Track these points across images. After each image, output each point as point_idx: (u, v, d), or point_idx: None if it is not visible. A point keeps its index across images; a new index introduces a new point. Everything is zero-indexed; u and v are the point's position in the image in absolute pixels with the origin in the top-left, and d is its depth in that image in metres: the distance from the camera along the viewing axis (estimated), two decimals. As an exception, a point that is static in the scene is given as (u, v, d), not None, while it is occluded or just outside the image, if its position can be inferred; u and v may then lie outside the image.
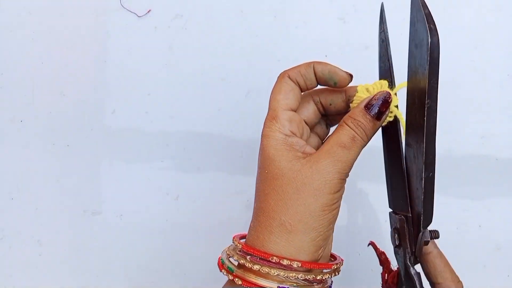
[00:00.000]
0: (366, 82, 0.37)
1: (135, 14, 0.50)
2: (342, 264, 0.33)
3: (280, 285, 0.30)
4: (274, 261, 0.30)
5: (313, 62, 0.33)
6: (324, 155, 0.30)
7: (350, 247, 0.49)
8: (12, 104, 0.50)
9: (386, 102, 0.32)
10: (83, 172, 0.50)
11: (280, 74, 0.34)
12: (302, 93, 0.34)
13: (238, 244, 0.31)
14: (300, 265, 0.30)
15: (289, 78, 0.33)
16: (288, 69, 0.33)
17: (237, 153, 0.49)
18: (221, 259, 0.32)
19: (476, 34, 0.48)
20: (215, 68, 0.49)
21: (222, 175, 0.49)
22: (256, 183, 0.32)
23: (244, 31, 0.50)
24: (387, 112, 0.32)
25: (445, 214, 0.48)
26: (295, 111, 0.33)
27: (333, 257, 0.34)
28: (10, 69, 0.50)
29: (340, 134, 0.31)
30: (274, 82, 0.34)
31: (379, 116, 0.31)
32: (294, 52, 0.49)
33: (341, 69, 0.33)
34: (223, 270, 0.32)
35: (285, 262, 0.29)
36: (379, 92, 0.32)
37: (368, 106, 0.31)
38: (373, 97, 0.32)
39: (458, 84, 0.48)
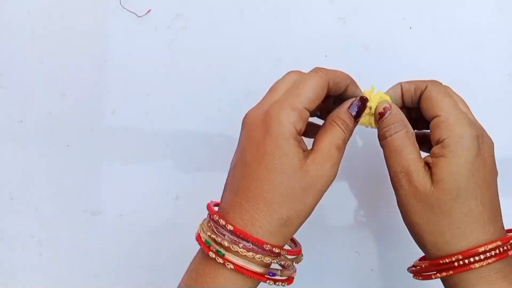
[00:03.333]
0: (365, 82, 0.37)
1: (135, 14, 0.50)
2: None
3: (270, 272, 0.33)
4: (267, 248, 0.32)
5: (350, 80, 0.35)
6: (326, 157, 0.32)
7: (349, 247, 0.49)
8: (12, 104, 0.50)
9: (363, 106, 0.35)
10: (83, 172, 0.50)
11: (321, 73, 0.34)
12: None
13: (229, 226, 0.32)
14: (285, 253, 0.33)
15: (328, 85, 0.34)
16: (329, 73, 0.34)
17: (237, 153, 0.49)
18: (206, 240, 0.33)
19: (476, 34, 0.48)
20: (215, 68, 0.49)
21: (222, 175, 0.49)
22: (256, 168, 0.32)
23: (244, 31, 0.49)
24: (362, 114, 0.35)
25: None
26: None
27: (293, 241, 0.37)
28: (10, 69, 0.50)
29: (334, 135, 0.33)
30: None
31: (356, 117, 0.35)
32: (294, 52, 0.49)
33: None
34: (210, 252, 0.32)
35: (276, 250, 0.32)
36: (360, 96, 0.35)
37: (349, 107, 0.35)
38: (355, 100, 0.35)
39: (458, 84, 0.48)
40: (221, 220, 0.32)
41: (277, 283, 0.33)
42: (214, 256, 0.32)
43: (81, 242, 0.50)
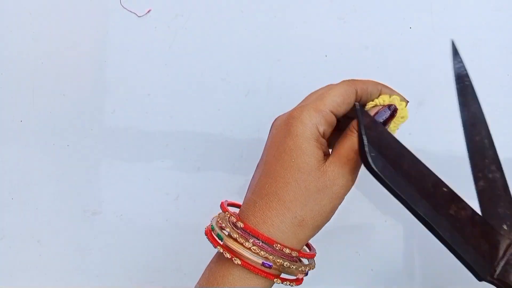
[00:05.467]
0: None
1: (135, 14, 0.50)
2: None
3: (266, 263, 0.31)
4: (278, 248, 0.31)
5: (381, 85, 0.35)
6: (344, 160, 0.32)
7: (349, 247, 0.49)
8: (12, 104, 0.50)
9: (392, 115, 0.34)
10: (83, 172, 0.50)
11: (349, 81, 0.34)
12: None
13: (240, 223, 0.32)
14: (297, 254, 0.32)
15: (356, 92, 0.34)
16: (357, 82, 0.34)
17: (237, 153, 0.49)
18: (218, 234, 0.32)
19: (475, 34, 0.48)
20: (215, 68, 0.49)
21: (222, 175, 0.49)
22: (273, 165, 0.32)
23: (244, 31, 0.50)
24: (389, 124, 0.34)
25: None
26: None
27: (308, 246, 0.36)
28: (10, 69, 0.50)
29: (354, 141, 0.32)
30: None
31: (383, 125, 0.34)
32: (294, 52, 0.49)
33: (403, 97, 0.36)
34: (219, 247, 0.32)
35: (286, 251, 0.31)
36: (389, 104, 0.34)
37: (376, 115, 0.34)
38: (382, 108, 0.34)
39: (458, 84, 0.48)
40: (232, 217, 0.32)
41: (285, 282, 0.32)
42: (222, 250, 0.31)
43: (81, 242, 0.50)
